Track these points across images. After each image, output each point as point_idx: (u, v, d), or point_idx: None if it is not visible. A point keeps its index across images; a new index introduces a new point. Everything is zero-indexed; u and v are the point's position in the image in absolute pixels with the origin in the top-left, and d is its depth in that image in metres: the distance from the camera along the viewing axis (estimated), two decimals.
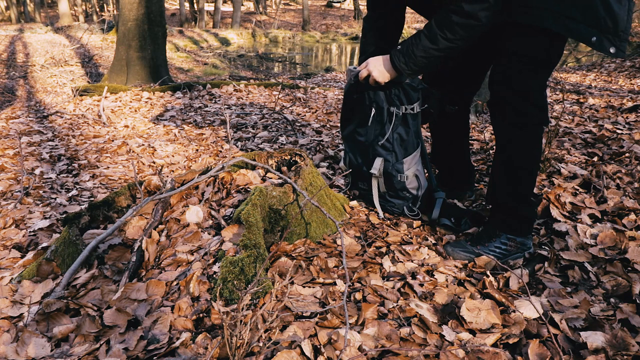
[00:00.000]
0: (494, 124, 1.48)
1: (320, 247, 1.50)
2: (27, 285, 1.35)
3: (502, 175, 1.48)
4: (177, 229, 1.47)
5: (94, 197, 2.40)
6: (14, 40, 11.14)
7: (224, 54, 13.19)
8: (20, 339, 1.11)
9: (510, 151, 1.44)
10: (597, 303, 1.23)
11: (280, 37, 18.73)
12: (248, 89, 5.48)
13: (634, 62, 6.53)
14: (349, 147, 1.84)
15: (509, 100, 1.38)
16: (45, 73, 7.54)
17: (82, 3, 25.70)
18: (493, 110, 1.46)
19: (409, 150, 1.70)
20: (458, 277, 1.40)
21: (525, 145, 1.43)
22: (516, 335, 1.11)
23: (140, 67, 5.83)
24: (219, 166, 1.63)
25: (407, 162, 1.69)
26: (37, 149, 3.26)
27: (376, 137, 1.71)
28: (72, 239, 1.43)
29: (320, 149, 2.93)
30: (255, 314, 1.00)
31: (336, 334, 1.07)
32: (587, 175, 2.03)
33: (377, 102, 1.66)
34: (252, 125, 3.81)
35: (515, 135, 1.42)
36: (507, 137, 1.44)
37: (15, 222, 2.00)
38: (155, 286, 1.24)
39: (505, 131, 1.44)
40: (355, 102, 1.75)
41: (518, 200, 1.47)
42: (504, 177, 1.47)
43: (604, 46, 1.24)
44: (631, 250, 1.40)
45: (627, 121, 3.12)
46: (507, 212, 1.49)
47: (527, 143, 1.43)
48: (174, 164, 2.94)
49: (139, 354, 1.04)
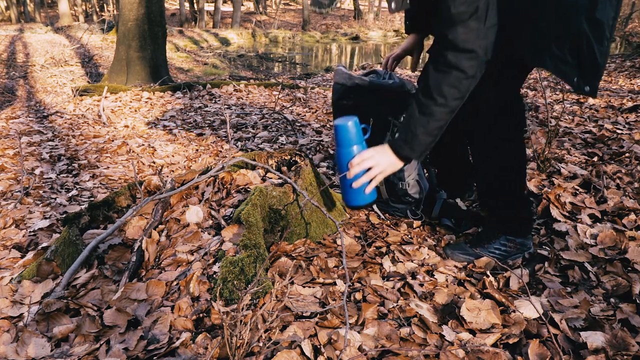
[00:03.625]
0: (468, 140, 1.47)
1: (320, 247, 1.50)
2: (27, 285, 1.35)
3: (488, 186, 1.48)
4: (177, 229, 1.47)
5: (94, 197, 2.40)
6: (14, 40, 11.13)
7: (224, 54, 13.19)
8: (20, 339, 1.11)
9: (490, 164, 1.43)
10: (597, 303, 1.23)
11: (280, 37, 18.73)
12: (248, 89, 5.48)
13: (634, 62, 6.53)
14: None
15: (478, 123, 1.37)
16: (45, 73, 7.54)
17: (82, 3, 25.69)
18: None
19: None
20: (458, 277, 1.40)
21: (505, 155, 1.41)
22: (516, 335, 1.11)
23: (140, 67, 5.83)
24: (219, 166, 1.63)
25: (407, 170, 1.69)
26: (37, 149, 3.26)
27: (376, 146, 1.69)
28: (72, 239, 1.43)
29: (320, 149, 2.93)
30: (255, 314, 1.00)
31: (336, 334, 1.07)
32: (587, 175, 2.03)
33: (374, 112, 1.63)
34: (252, 125, 3.81)
35: (493, 149, 1.40)
36: (484, 153, 1.43)
37: (15, 222, 2.00)
38: (155, 286, 1.24)
39: (482, 148, 1.42)
40: (349, 110, 1.70)
41: (511, 205, 1.47)
42: (490, 187, 1.47)
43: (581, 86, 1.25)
44: (631, 250, 1.40)
45: (627, 121, 3.12)
46: (504, 215, 1.49)
47: (507, 153, 1.41)
48: (174, 164, 2.94)
49: (139, 354, 1.04)
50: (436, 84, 1.24)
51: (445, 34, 1.21)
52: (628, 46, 10.16)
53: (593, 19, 1.19)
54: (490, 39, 1.21)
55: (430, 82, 1.25)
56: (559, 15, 1.23)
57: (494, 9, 1.20)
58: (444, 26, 1.21)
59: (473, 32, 1.18)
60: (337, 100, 1.72)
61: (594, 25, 1.19)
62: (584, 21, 1.20)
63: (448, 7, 1.18)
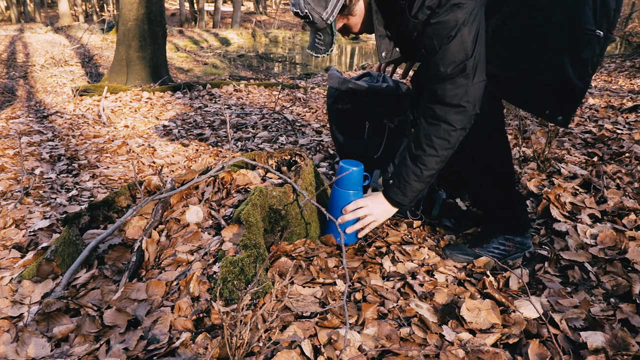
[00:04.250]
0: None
1: (321, 247, 1.50)
2: (27, 285, 1.35)
3: (481, 186, 1.47)
4: (177, 229, 1.47)
5: (94, 197, 2.40)
6: (14, 40, 11.13)
7: (224, 54, 13.19)
8: (20, 339, 1.11)
9: (478, 164, 1.43)
10: (597, 303, 1.23)
11: (280, 37, 18.73)
12: (248, 89, 5.48)
13: (634, 62, 6.54)
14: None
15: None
16: (45, 73, 7.54)
17: (82, 3, 25.69)
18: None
19: None
20: (458, 277, 1.40)
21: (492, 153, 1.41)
22: (516, 335, 1.11)
23: (140, 67, 5.83)
24: (219, 166, 1.63)
25: None
26: (37, 149, 3.26)
27: (372, 150, 1.69)
28: (72, 239, 1.43)
29: (320, 149, 2.94)
30: (255, 314, 1.00)
31: (336, 334, 1.07)
32: (587, 175, 2.03)
33: (369, 115, 1.62)
34: (252, 125, 3.81)
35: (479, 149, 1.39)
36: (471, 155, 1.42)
37: (15, 222, 2.00)
38: (155, 286, 1.24)
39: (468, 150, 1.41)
40: (344, 114, 1.70)
41: (506, 204, 1.47)
42: (483, 188, 1.47)
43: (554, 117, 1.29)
44: (631, 250, 1.40)
45: (627, 121, 3.12)
46: (500, 215, 1.49)
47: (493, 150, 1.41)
48: (174, 164, 2.94)
49: (139, 354, 1.04)
50: (426, 135, 1.27)
51: (435, 89, 1.23)
52: (628, 46, 10.16)
53: (578, 58, 1.21)
54: (479, 93, 1.22)
55: (421, 133, 1.29)
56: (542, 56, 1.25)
57: (482, 65, 1.22)
58: (433, 82, 1.24)
59: (461, 87, 1.20)
60: (332, 105, 1.72)
61: (577, 65, 1.22)
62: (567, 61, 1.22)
63: (437, 65, 1.21)
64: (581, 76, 1.23)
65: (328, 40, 1.28)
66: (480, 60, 1.21)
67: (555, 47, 1.22)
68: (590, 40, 1.20)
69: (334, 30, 1.26)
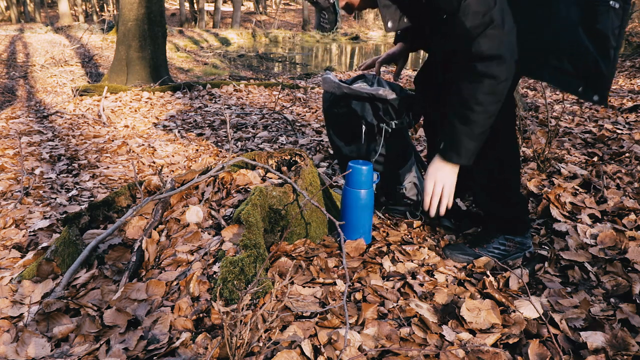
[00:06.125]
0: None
1: (320, 247, 1.50)
2: (27, 285, 1.35)
3: (484, 186, 1.47)
4: (177, 229, 1.47)
5: (94, 197, 2.40)
6: (14, 40, 11.13)
7: (224, 54, 13.19)
8: (20, 339, 1.11)
9: (485, 164, 1.41)
10: (597, 303, 1.23)
11: (280, 37, 18.73)
12: (248, 89, 5.48)
13: (634, 62, 6.54)
14: (342, 164, 1.81)
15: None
16: (45, 73, 7.54)
17: (82, 3, 25.70)
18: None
19: (404, 161, 1.69)
20: (458, 277, 1.40)
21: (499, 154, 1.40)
22: (516, 335, 1.11)
23: (140, 67, 5.83)
24: (219, 166, 1.63)
25: (403, 173, 1.69)
26: (37, 149, 3.26)
27: (369, 154, 1.69)
28: (72, 239, 1.43)
29: (320, 149, 2.94)
30: (255, 314, 1.00)
31: (336, 334, 1.07)
32: (587, 175, 2.03)
33: (365, 119, 1.62)
34: (252, 125, 3.81)
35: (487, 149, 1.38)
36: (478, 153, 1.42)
37: (15, 222, 2.00)
38: (155, 286, 1.24)
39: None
40: (340, 119, 1.70)
41: (507, 205, 1.47)
42: (486, 188, 1.47)
43: (589, 95, 1.26)
44: (631, 250, 1.40)
45: (627, 121, 3.12)
46: (501, 215, 1.49)
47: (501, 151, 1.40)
48: (174, 164, 2.94)
49: (139, 354, 1.04)
50: (472, 94, 1.24)
51: (468, 48, 1.21)
52: (628, 46, 10.15)
53: (593, 30, 1.19)
54: (514, 40, 1.22)
55: (465, 94, 1.25)
56: (553, 29, 1.23)
57: (509, 13, 1.21)
58: (464, 42, 1.21)
59: (495, 39, 1.19)
60: (328, 109, 1.72)
61: (595, 37, 1.20)
62: (582, 33, 1.20)
63: (462, 23, 1.19)
64: (602, 49, 1.20)
65: (332, 19, 1.37)
66: (505, 8, 1.20)
67: (565, 16, 1.21)
68: (606, 11, 1.18)
69: (337, 8, 1.34)
